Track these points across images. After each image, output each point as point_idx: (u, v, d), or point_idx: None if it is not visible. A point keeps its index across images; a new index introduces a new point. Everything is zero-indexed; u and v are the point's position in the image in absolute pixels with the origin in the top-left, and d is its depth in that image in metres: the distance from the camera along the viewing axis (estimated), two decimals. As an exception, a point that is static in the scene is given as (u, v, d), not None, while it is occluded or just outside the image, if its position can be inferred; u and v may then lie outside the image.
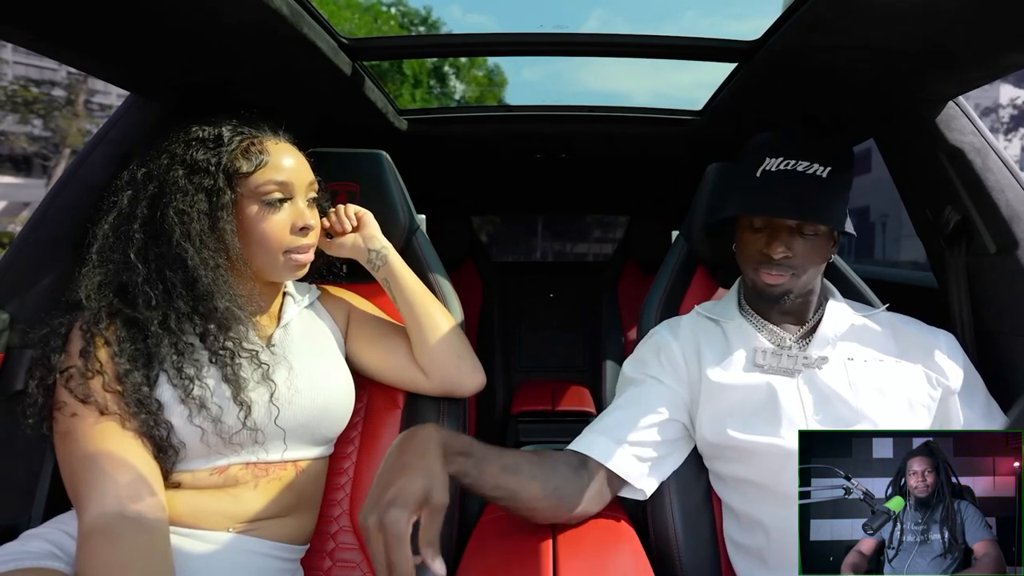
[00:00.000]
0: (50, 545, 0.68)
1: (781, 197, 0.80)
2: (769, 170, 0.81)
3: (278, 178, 0.78)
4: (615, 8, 66.45)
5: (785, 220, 0.81)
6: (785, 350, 0.84)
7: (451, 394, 0.95)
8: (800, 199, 0.79)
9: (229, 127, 0.78)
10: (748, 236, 0.84)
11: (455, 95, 13.97)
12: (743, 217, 0.85)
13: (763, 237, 0.82)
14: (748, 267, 0.85)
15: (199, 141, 0.76)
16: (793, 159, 0.80)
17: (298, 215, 0.81)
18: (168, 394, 0.72)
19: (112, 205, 0.75)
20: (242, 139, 0.78)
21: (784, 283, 0.82)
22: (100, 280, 0.73)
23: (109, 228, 0.74)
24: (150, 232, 0.74)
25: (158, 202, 0.74)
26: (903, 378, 0.80)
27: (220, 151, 0.76)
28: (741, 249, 0.87)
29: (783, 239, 0.80)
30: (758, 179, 0.82)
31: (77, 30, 0.73)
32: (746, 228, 0.85)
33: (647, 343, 0.92)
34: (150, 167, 0.76)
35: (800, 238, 0.81)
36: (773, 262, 0.81)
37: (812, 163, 0.80)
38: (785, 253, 0.80)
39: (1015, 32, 0.73)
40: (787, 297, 0.84)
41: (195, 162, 0.75)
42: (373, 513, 0.55)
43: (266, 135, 0.81)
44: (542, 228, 3.30)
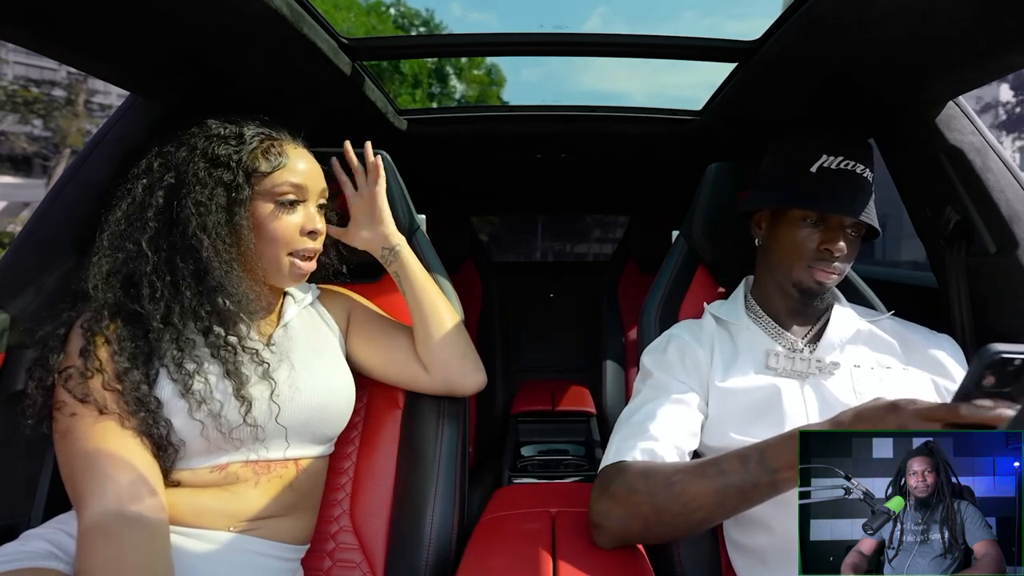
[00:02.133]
0: (50, 545, 0.68)
1: (845, 195, 0.81)
2: (828, 167, 0.82)
3: (294, 180, 0.80)
4: (617, 6, 66.46)
5: (843, 218, 0.81)
6: (797, 353, 0.84)
7: (452, 392, 0.95)
8: (860, 200, 0.81)
9: (251, 127, 0.80)
10: (800, 232, 0.83)
11: (455, 95, 13.98)
12: (794, 211, 0.84)
13: (817, 233, 0.82)
14: (797, 263, 0.84)
15: (221, 137, 0.77)
16: (852, 160, 0.82)
17: (308, 219, 0.82)
18: (168, 391, 0.72)
19: (126, 193, 0.76)
20: (263, 139, 0.80)
21: (833, 281, 0.83)
22: (108, 269, 0.73)
23: (122, 215, 0.75)
24: (164, 221, 0.74)
25: (176, 192, 0.75)
26: (909, 387, 0.80)
27: (241, 148, 0.77)
28: (786, 244, 0.85)
29: (841, 237, 0.81)
30: (815, 174, 0.82)
31: (77, 30, 0.73)
32: (796, 224, 0.84)
33: (672, 345, 0.89)
34: (168, 158, 0.76)
35: (847, 237, 0.82)
36: (830, 259, 0.81)
37: (865, 166, 0.82)
38: (842, 250, 0.81)
39: (1015, 32, 0.73)
40: (823, 297, 0.85)
41: (217, 156, 0.76)
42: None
43: (285, 138, 0.83)
44: (542, 228, 3.31)
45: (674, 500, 0.66)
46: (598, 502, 0.71)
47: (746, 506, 0.65)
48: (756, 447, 0.64)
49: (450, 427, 0.95)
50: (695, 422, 0.81)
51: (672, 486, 0.66)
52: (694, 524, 0.67)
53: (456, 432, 0.96)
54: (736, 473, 0.64)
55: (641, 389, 0.87)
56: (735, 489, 0.64)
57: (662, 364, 0.87)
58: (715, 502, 0.65)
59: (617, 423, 0.83)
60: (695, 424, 0.81)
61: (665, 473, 0.68)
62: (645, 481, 0.68)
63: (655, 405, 0.81)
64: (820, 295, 0.84)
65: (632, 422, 0.79)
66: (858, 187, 0.81)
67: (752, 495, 0.64)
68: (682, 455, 0.77)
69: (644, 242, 2.33)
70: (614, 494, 0.70)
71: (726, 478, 0.64)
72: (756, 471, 0.63)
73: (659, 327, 1.00)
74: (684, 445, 0.78)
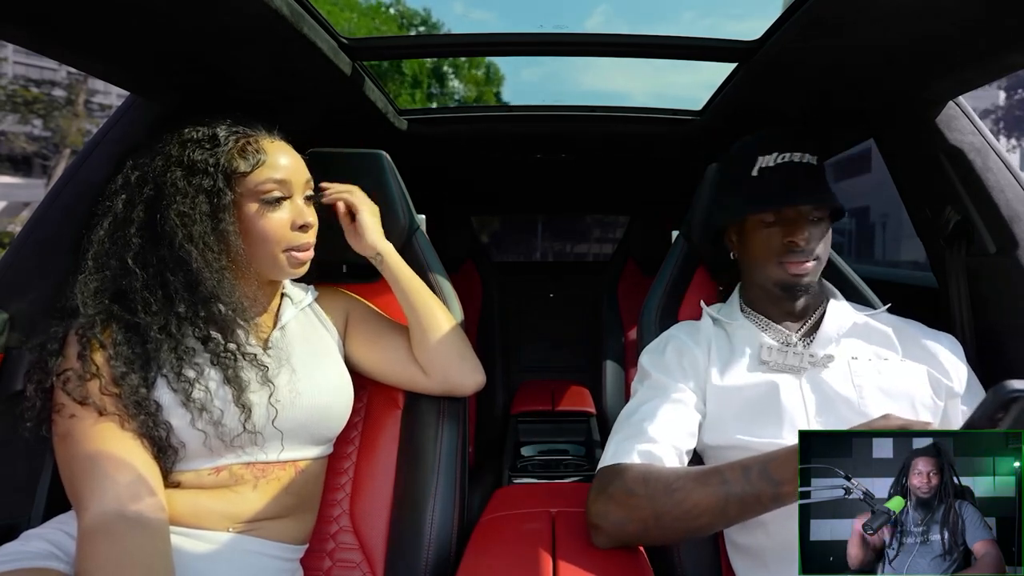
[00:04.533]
0: (50, 545, 0.68)
1: (789, 186, 0.82)
2: (767, 166, 0.84)
3: (276, 176, 0.78)
4: (617, 6, 66.49)
5: (799, 207, 0.82)
6: (791, 347, 0.84)
7: (451, 393, 0.95)
8: (808, 185, 0.83)
9: (223, 127, 0.77)
10: (761, 234, 0.85)
11: (455, 95, 13.98)
12: (752, 217, 0.86)
13: (779, 230, 0.83)
14: (769, 264, 0.85)
15: (194, 142, 0.75)
16: (787, 152, 0.84)
17: (297, 213, 0.80)
18: (167, 397, 0.72)
19: (107, 210, 0.74)
20: (238, 138, 0.77)
21: (810, 271, 0.83)
22: (96, 287, 0.72)
23: (104, 234, 0.73)
24: (148, 236, 0.73)
25: (156, 205, 0.73)
26: (907, 378, 0.80)
27: (217, 151, 0.75)
28: (754, 248, 0.86)
29: (802, 226, 0.82)
30: (757, 177, 0.84)
31: (77, 30, 0.73)
32: (757, 227, 0.85)
33: (670, 346, 0.89)
34: (144, 170, 0.74)
35: (811, 225, 0.83)
36: (798, 250, 0.82)
37: (803, 152, 0.84)
38: (807, 239, 0.82)
39: (1016, 32, 0.73)
40: (808, 290, 0.85)
41: (193, 163, 0.74)
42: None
43: (261, 134, 0.80)
44: (542, 228, 3.31)
45: (675, 506, 0.66)
46: (595, 503, 0.71)
47: (748, 516, 0.65)
48: (759, 459, 0.64)
49: (450, 427, 0.95)
50: (693, 422, 0.81)
51: (674, 492, 0.66)
52: (695, 530, 0.67)
53: (456, 432, 0.96)
54: (738, 483, 0.64)
55: (639, 389, 0.87)
56: (737, 499, 0.64)
57: (660, 365, 0.88)
58: (717, 511, 0.65)
59: (615, 424, 0.83)
60: (693, 424, 0.81)
61: (666, 479, 0.68)
62: (645, 485, 0.68)
63: (653, 406, 0.81)
64: (803, 287, 0.84)
65: (630, 423, 0.79)
66: (802, 174, 0.83)
67: (754, 506, 0.64)
68: (680, 455, 0.77)
69: (644, 242, 2.33)
70: (612, 495, 0.70)
71: (728, 487, 0.64)
72: (759, 483, 0.63)
73: (659, 327, 1.00)
74: (682, 445, 0.78)
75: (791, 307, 0.88)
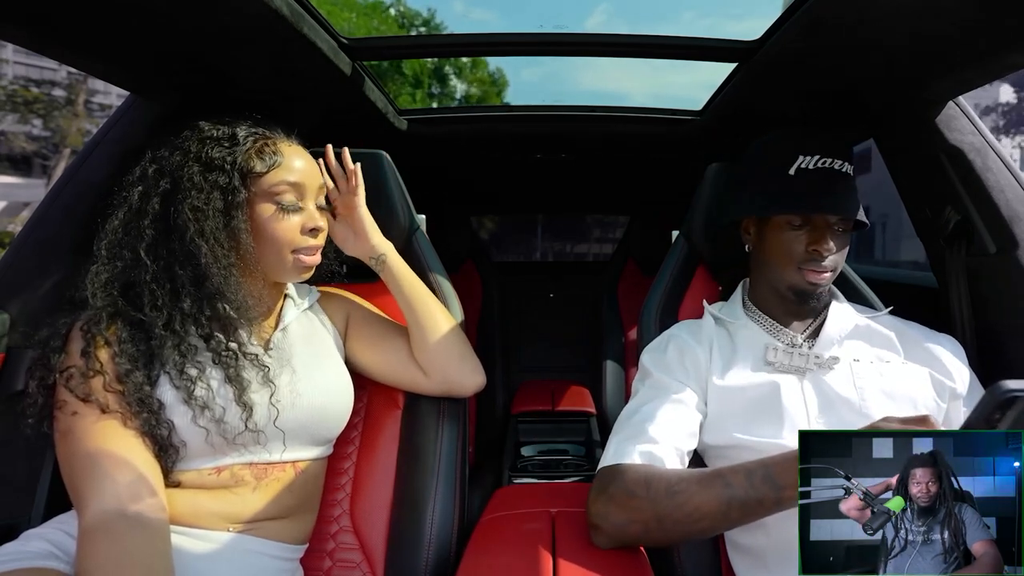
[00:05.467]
0: (50, 545, 0.68)
1: (826, 195, 0.80)
2: (806, 168, 0.81)
3: (291, 179, 0.79)
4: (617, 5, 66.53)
5: (828, 217, 0.81)
6: (796, 348, 0.84)
7: (451, 394, 0.95)
8: (843, 196, 0.81)
9: (243, 127, 0.79)
10: (786, 235, 0.83)
11: (456, 95, 13.98)
12: (778, 216, 0.84)
13: (804, 235, 0.82)
14: (788, 268, 0.84)
15: (214, 139, 0.76)
16: (829, 157, 0.81)
17: (308, 216, 0.81)
18: (170, 395, 0.72)
19: (122, 201, 0.75)
20: (256, 139, 0.79)
21: (826, 281, 0.82)
22: (107, 277, 0.73)
23: (119, 224, 0.74)
24: (161, 228, 0.74)
25: (171, 198, 0.74)
26: (909, 380, 0.80)
27: (235, 150, 0.76)
28: (775, 249, 0.85)
29: (828, 235, 0.81)
30: (794, 177, 0.82)
31: (77, 30, 0.73)
32: (782, 228, 0.84)
33: (671, 345, 0.89)
34: (162, 164, 0.76)
35: (836, 235, 0.82)
36: (820, 259, 0.81)
37: (843, 161, 0.82)
38: (830, 249, 0.81)
39: (1016, 32, 0.73)
40: (820, 298, 0.85)
41: (211, 160, 0.75)
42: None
43: (279, 136, 0.82)
44: (542, 228, 3.31)
45: (677, 508, 0.66)
46: (596, 503, 0.71)
47: (750, 519, 0.65)
48: (762, 462, 0.64)
49: (450, 427, 0.95)
50: (694, 422, 0.81)
51: (676, 495, 0.66)
52: (696, 532, 0.67)
53: (456, 432, 0.96)
54: (741, 487, 0.64)
55: (640, 389, 0.87)
56: (739, 503, 0.64)
57: (661, 364, 0.87)
58: (719, 514, 0.65)
59: (616, 423, 0.82)
60: (694, 424, 0.81)
61: (668, 481, 0.68)
62: (646, 487, 0.68)
63: (654, 406, 0.81)
64: (815, 295, 0.84)
65: (631, 423, 0.79)
66: (839, 183, 0.81)
67: (756, 510, 0.64)
68: (681, 456, 0.77)
69: (644, 242, 2.33)
70: (612, 496, 0.70)
71: (731, 491, 0.64)
72: (762, 487, 0.63)
73: (659, 327, 0.99)
74: (683, 446, 0.78)
75: (797, 309, 0.87)
